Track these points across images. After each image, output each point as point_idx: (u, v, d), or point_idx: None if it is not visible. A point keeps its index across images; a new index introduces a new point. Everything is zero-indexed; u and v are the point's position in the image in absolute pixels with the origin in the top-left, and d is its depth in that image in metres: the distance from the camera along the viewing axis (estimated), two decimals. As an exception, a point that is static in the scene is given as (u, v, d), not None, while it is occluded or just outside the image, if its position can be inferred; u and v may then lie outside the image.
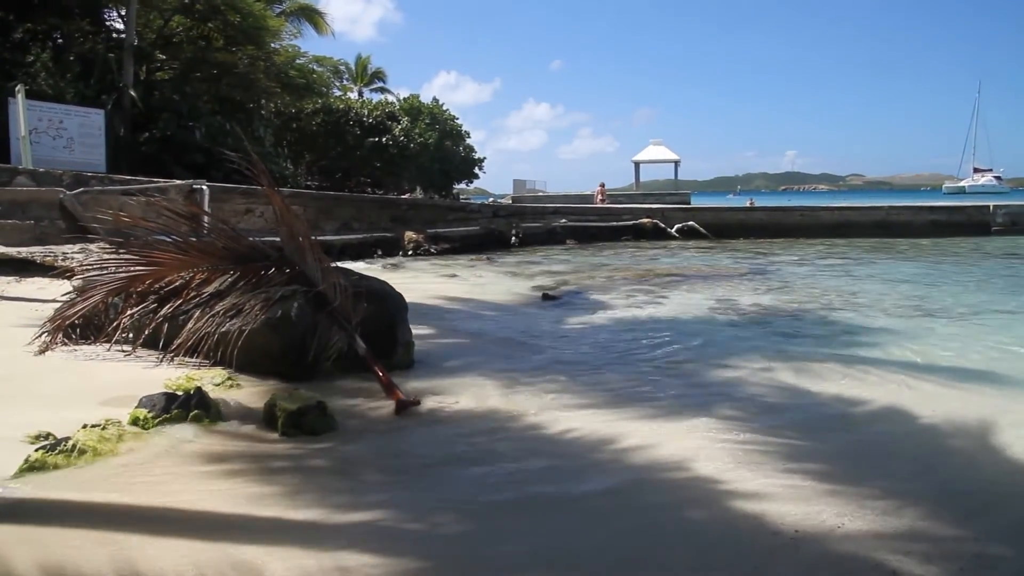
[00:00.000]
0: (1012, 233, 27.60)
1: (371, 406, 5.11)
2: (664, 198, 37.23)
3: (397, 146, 33.36)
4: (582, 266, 17.89)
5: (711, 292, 12.76)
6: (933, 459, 4.48)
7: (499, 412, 5.10)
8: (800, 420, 5.21)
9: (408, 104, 36.61)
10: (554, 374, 6.40)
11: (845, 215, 30.03)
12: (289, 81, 26.93)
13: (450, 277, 15.14)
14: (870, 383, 6.36)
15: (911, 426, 5.14)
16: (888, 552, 3.08)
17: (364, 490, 3.66)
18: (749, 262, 19.24)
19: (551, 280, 14.36)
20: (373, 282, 6.35)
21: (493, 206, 28.82)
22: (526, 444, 4.48)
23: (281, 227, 5.53)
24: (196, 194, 14.44)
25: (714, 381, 6.36)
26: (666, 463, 4.11)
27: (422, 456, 4.27)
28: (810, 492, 3.73)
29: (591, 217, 28.13)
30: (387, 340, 5.91)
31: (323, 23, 32.12)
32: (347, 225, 19.81)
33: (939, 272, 16.85)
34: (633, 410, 5.22)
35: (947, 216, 29.78)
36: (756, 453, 4.35)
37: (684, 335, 8.59)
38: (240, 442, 4.23)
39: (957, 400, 5.80)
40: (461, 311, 10.24)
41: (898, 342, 8.36)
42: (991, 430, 4.96)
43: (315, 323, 5.45)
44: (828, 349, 7.90)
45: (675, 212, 29.30)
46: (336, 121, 33.05)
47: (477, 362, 6.76)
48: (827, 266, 18.41)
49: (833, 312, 10.76)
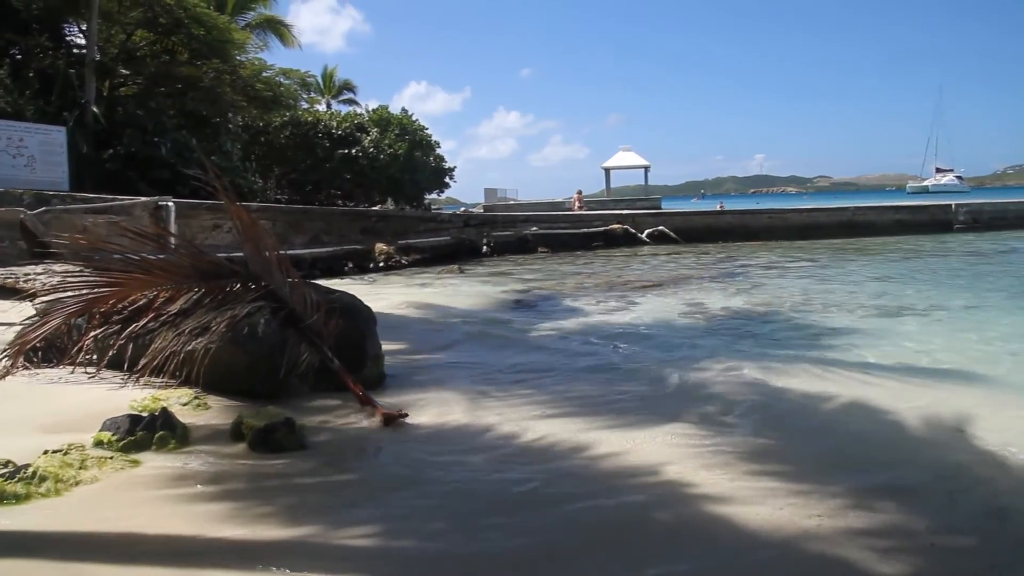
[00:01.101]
0: (973, 231, 28.24)
1: (342, 423, 5.05)
2: (635, 203, 37.42)
3: (367, 157, 33.24)
4: (553, 273, 17.95)
5: (681, 296, 12.87)
6: (900, 456, 4.54)
7: (470, 424, 5.08)
8: (769, 421, 5.25)
9: (377, 115, 36.48)
10: (526, 383, 6.41)
11: (812, 216, 30.46)
12: (256, 94, 26.72)
13: (421, 288, 15.11)
14: (837, 382, 6.45)
15: (878, 424, 5.21)
16: (855, 549, 3.12)
17: (335, 508, 3.60)
18: (718, 265, 19.42)
19: (523, 288, 14.39)
20: (341, 295, 6.30)
21: (464, 216, 28.80)
22: (498, 455, 4.46)
23: (246, 242, 5.48)
24: (162, 211, 14.29)
25: (684, 385, 6.39)
26: (637, 469, 4.12)
27: (394, 472, 4.23)
28: (778, 492, 3.75)
29: (562, 224, 28.18)
30: (356, 354, 5.86)
31: (289, 35, 31.97)
32: (317, 238, 19.69)
33: (904, 270, 17.13)
34: (605, 417, 5.23)
35: (911, 215, 30.37)
36: (725, 455, 4.38)
37: (655, 340, 8.67)
38: (207, 462, 4.15)
39: (923, 397, 5.90)
40: (432, 322, 10.20)
41: (864, 341, 8.50)
42: (958, 426, 5.04)
43: (284, 339, 5.40)
44: (796, 350, 8.00)
45: (645, 217, 29.46)
46: (305, 134, 32.89)
47: (448, 374, 6.75)
48: (795, 267, 18.64)
49: (801, 313, 10.88)
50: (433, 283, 16.40)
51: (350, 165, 33.12)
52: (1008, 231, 28.18)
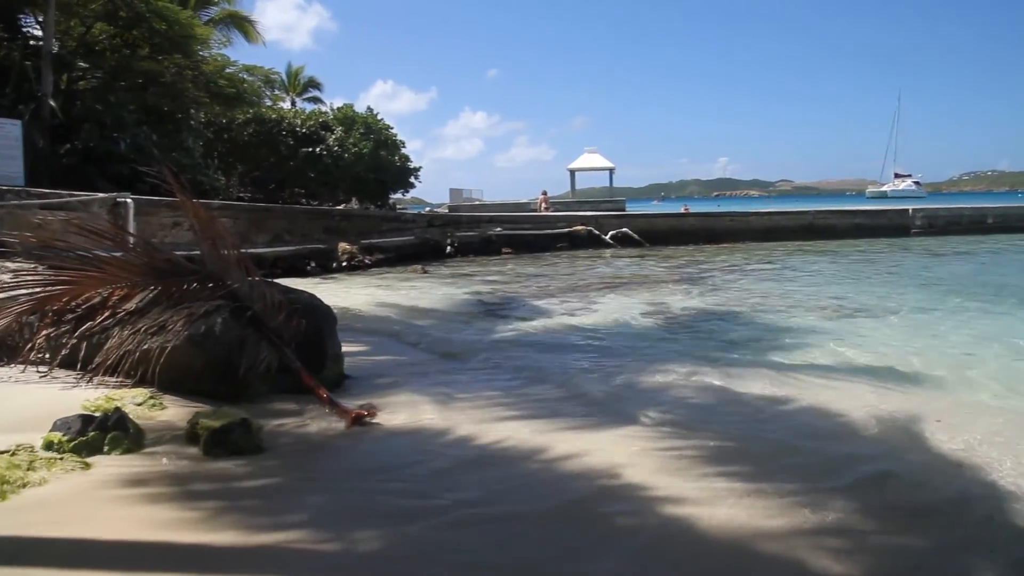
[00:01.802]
0: (929, 235, 28.87)
1: (302, 424, 4.99)
2: (600, 205, 37.52)
3: (331, 156, 32.99)
4: (517, 275, 17.96)
5: (643, 298, 12.94)
6: (855, 457, 4.58)
7: (431, 426, 5.05)
8: (728, 423, 5.28)
9: (342, 114, 36.19)
10: (488, 385, 6.41)
11: (774, 220, 30.86)
12: (219, 91, 26.38)
13: (384, 288, 15.03)
14: (795, 384, 6.51)
15: (835, 425, 5.26)
16: (808, 549, 3.15)
17: (289, 511, 3.55)
18: (680, 268, 19.58)
19: (486, 289, 14.38)
20: (301, 294, 6.24)
21: (428, 215, 28.70)
22: (458, 458, 4.44)
23: (203, 240, 5.41)
24: (120, 207, 14.06)
25: (645, 388, 6.41)
26: (597, 471, 4.12)
27: (352, 473, 4.20)
28: (734, 493, 3.78)
29: (526, 225, 28.18)
30: (316, 353, 5.81)
31: (253, 31, 31.61)
32: (279, 237, 19.48)
33: (862, 273, 17.44)
34: (565, 420, 5.24)
35: (870, 220, 30.92)
36: (685, 458, 4.39)
37: (616, 342, 8.70)
38: (161, 464, 4.07)
39: (878, 398, 5.97)
40: (394, 323, 10.14)
41: (822, 342, 8.62)
42: (913, 427, 5.11)
43: (242, 338, 5.34)
44: (755, 351, 8.09)
45: (609, 219, 29.57)
46: (269, 131, 32.55)
47: (410, 375, 6.71)
48: (756, 269, 18.87)
49: (761, 315, 11.00)
50: (396, 283, 16.33)
51: (314, 164, 32.84)
52: (962, 235, 28.80)
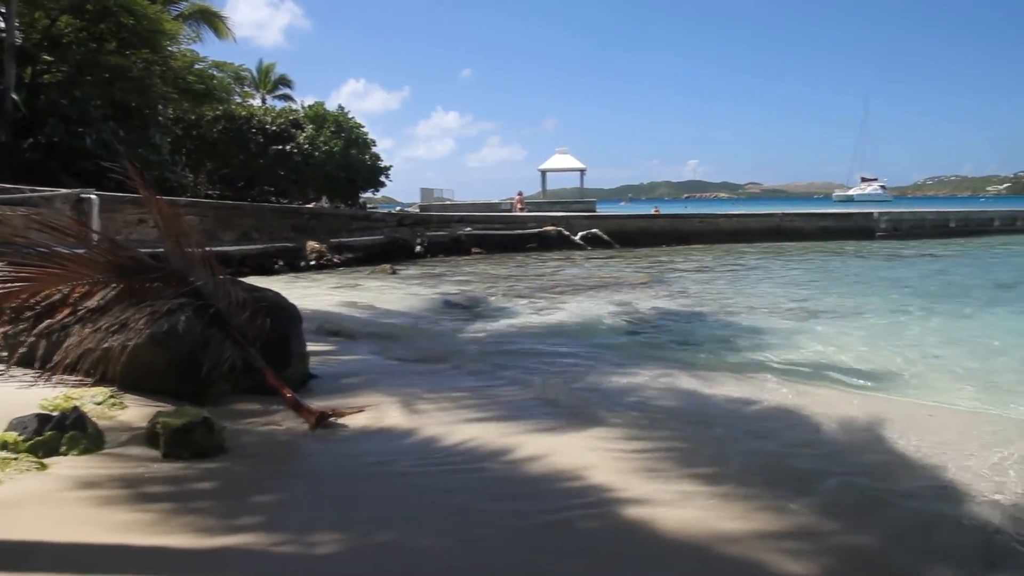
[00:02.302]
0: (894, 238, 29.36)
1: (266, 424, 4.94)
2: (570, 206, 37.62)
3: (301, 154, 32.70)
4: (486, 275, 17.95)
5: (611, 299, 13.00)
6: (818, 459, 4.63)
7: (397, 427, 5.03)
8: (693, 426, 5.32)
9: (313, 112, 35.88)
10: (454, 386, 6.39)
11: (742, 222, 31.20)
12: (187, 87, 26.03)
13: (352, 288, 14.96)
14: (760, 386, 6.58)
15: (798, 428, 5.32)
16: (769, 551, 3.18)
17: (252, 512, 3.52)
18: (649, 268, 19.72)
19: (454, 289, 14.36)
20: (266, 293, 6.19)
21: (398, 215, 28.60)
22: (422, 459, 4.42)
23: (167, 238, 5.35)
24: (84, 204, 13.85)
25: (612, 390, 6.44)
26: (561, 473, 4.12)
27: (316, 474, 4.18)
28: (698, 496, 3.81)
29: (496, 225, 28.21)
30: (280, 353, 5.75)
31: (224, 27, 31.24)
32: (247, 235, 19.33)
33: (827, 275, 17.69)
34: (532, 421, 5.24)
35: (836, 222, 31.37)
36: (650, 460, 4.42)
37: (584, 344, 8.72)
38: (121, 465, 3.99)
39: (840, 401, 6.07)
40: (361, 322, 10.09)
41: (788, 344, 8.71)
42: (874, 429, 5.19)
43: (206, 337, 5.28)
44: (722, 354, 8.14)
45: (579, 220, 29.70)
46: (238, 128, 32.19)
47: (376, 375, 6.68)
48: (724, 270, 19.05)
49: (728, 316, 11.10)
50: (365, 283, 16.26)
51: (284, 162, 32.54)
52: (926, 239, 29.36)
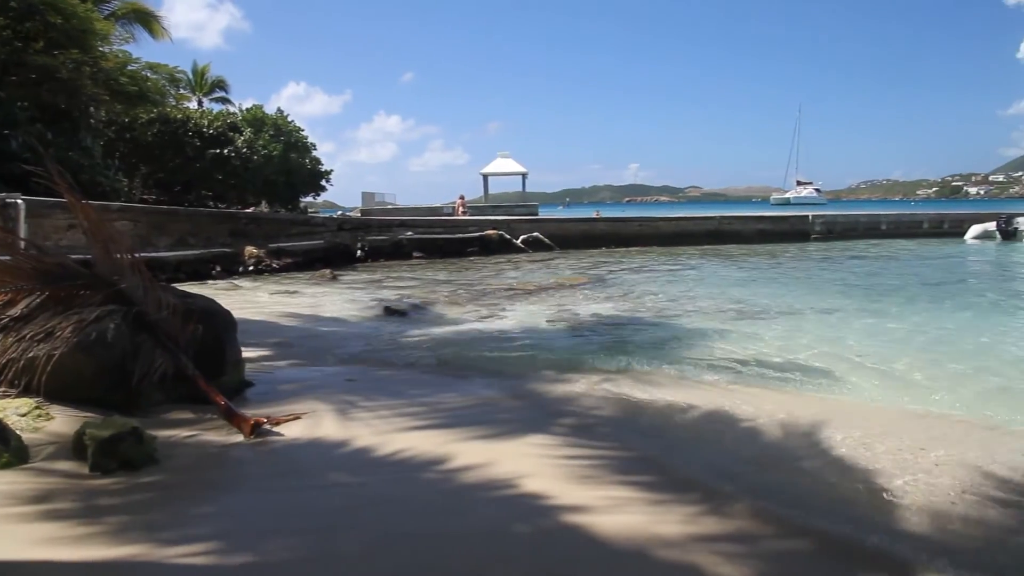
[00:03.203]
0: (828, 240, 30.21)
1: (199, 434, 4.85)
2: (513, 210, 37.69)
3: (240, 158, 32.10)
4: (427, 281, 17.87)
5: (551, 303, 13.06)
6: (755, 463, 4.72)
7: (333, 436, 4.97)
8: (633, 431, 5.37)
9: (251, 115, 35.26)
10: (393, 394, 6.33)
11: (681, 225, 31.69)
12: (120, 88, 25.29)
13: (290, 294, 14.75)
14: (698, 389, 6.67)
15: (736, 431, 5.40)
16: (705, 554, 3.21)
17: (182, 525, 3.45)
18: (590, 271, 19.87)
19: (394, 295, 14.25)
20: (199, 299, 6.09)
21: (338, 219, 28.36)
22: (357, 468, 4.39)
23: (95, 243, 5.24)
24: (10, 209, 13.43)
25: (552, 396, 6.46)
26: (496, 481, 4.12)
27: (247, 485, 4.12)
28: (636, 501, 3.85)
29: (438, 230, 28.15)
30: (214, 360, 5.67)
31: (159, 27, 30.54)
32: (183, 241, 18.94)
33: (764, 276, 18.06)
34: (468, 429, 5.21)
35: (773, 225, 32.08)
36: (588, 467, 4.44)
37: (523, 349, 8.73)
38: (45, 479, 3.87)
39: (778, 403, 6.15)
40: (300, 329, 9.99)
41: (725, 346, 8.83)
42: (810, 431, 5.28)
43: (136, 345, 5.18)
44: (661, 358, 8.19)
45: (521, 224, 29.83)
46: (174, 132, 31.46)
47: (314, 383, 6.61)
48: (663, 272, 19.32)
49: (667, 319, 11.22)
50: (303, 289, 16.05)
51: (222, 165, 31.91)
52: (858, 240, 30.22)
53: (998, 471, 4.47)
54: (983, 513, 3.90)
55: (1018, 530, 3.73)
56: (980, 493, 4.16)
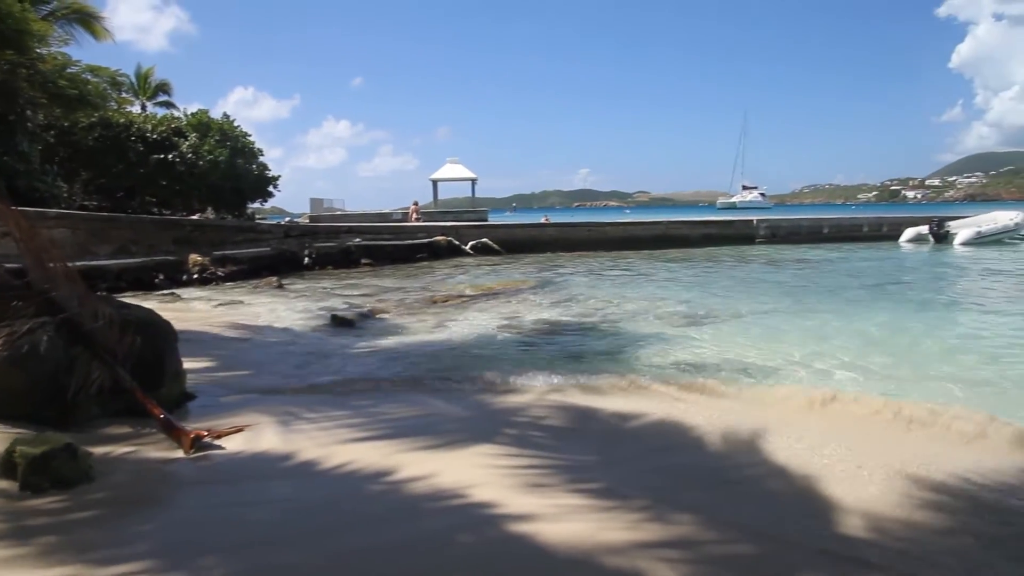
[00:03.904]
0: (772, 243, 30.78)
1: (137, 449, 4.74)
2: (462, 215, 37.69)
3: (185, 163, 31.57)
4: (375, 288, 17.71)
5: (499, 310, 13.05)
6: (702, 469, 4.78)
7: (276, 449, 4.90)
8: (578, 439, 5.38)
9: (196, 119, 34.69)
10: (338, 405, 6.26)
11: (629, 230, 32.03)
12: (59, 92, 24.68)
13: (235, 303, 14.49)
14: (646, 395, 6.71)
15: (683, 438, 5.42)
16: (649, 560, 3.24)
17: (118, 544, 3.36)
18: (538, 275, 19.98)
19: (342, 304, 14.09)
20: (137, 309, 5.98)
21: (285, 226, 28.01)
22: (302, 481, 4.34)
23: (26, 253, 5.11)
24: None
25: (498, 405, 6.45)
26: (443, 491, 4.10)
27: (186, 502, 4.05)
28: (582, 509, 3.86)
29: (386, 236, 27.97)
30: (154, 372, 5.56)
31: (101, 29, 29.82)
32: (124, 248, 18.50)
33: (710, 280, 18.33)
34: (415, 440, 5.17)
35: (719, 229, 32.59)
36: (535, 475, 4.44)
37: (472, 358, 8.69)
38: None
39: (724, 407, 6.23)
40: (244, 340, 9.83)
41: (673, 350, 8.91)
42: (754, 436, 5.34)
43: (71, 358, 5.06)
44: (610, 364, 8.24)
45: (470, 229, 29.83)
46: (116, 136, 30.80)
47: (257, 395, 6.52)
48: (611, 277, 19.48)
49: (615, 324, 11.30)
50: (249, 298, 15.80)
51: (167, 171, 31.33)
52: (801, 244, 30.82)
53: (934, 473, 4.56)
54: (920, 514, 3.97)
55: (955, 529, 3.81)
56: (917, 494, 4.23)
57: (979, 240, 28.41)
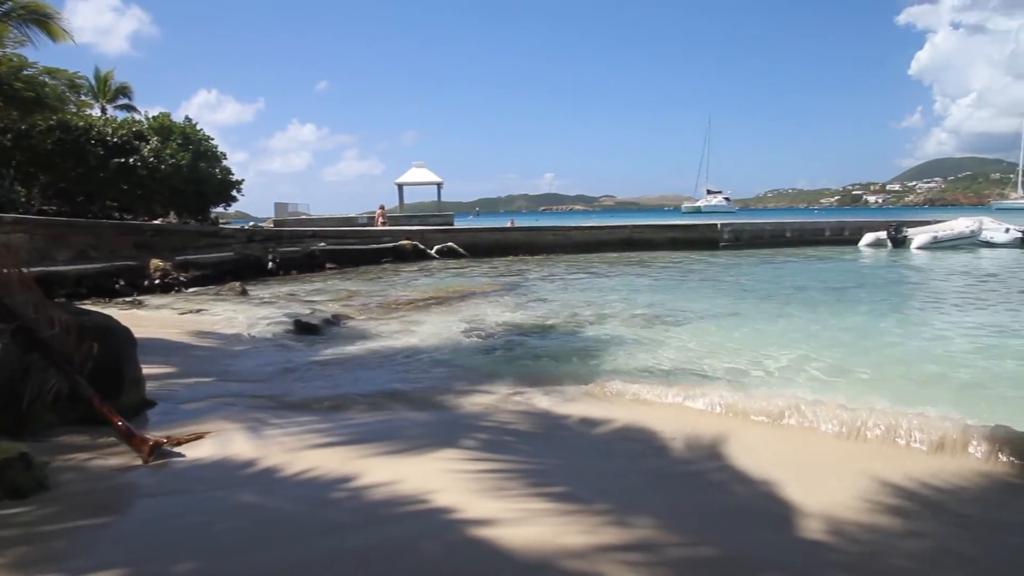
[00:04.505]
0: (736, 247, 31.14)
1: (95, 457, 4.68)
2: (428, 220, 37.70)
3: (146, 167, 31.13)
4: (339, 293, 17.59)
5: (464, 314, 13.05)
6: (663, 473, 4.81)
7: (239, 457, 4.85)
8: (541, 443, 5.41)
9: (157, 123, 34.22)
10: (301, 411, 6.23)
11: (594, 234, 32.26)
12: (14, 94, 24.17)
13: (198, 309, 14.32)
14: (610, 400, 6.72)
15: (647, 441, 5.46)
16: (609, 563, 3.26)
17: (75, 556, 3.31)
18: (502, 280, 20.04)
19: (305, 308, 13.96)
20: (95, 316, 5.91)
21: (248, 230, 27.79)
22: (265, 488, 4.31)
23: (-22, 260, 5.03)
24: None
25: (461, 410, 6.46)
26: (405, 497, 4.10)
27: (147, 509, 4.00)
28: (543, 513, 3.87)
29: (351, 240, 27.86)
30: (112, 379, 5.49)
31: (58, 29, 29.21)
32: (84, 254, 18.20)
33: (674, 283, 18.51)
34: (379, 445, 5.16)
35: (683, 233, 32.92)
36: (498, 480, 4.46)
37: (436, 363, 8.67)
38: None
39: (687, 410, 6.29)
40: (206, 347, 9.72)
41: (637, 353, 8.98)
42: (715, 440, 5.39)
43: (26, 365, 4.99)
44: (574, 367, 8.28)
45: (435, 234, 29.87)
46: (75, 140, 30.25)
47: (219, 402, 6.44)
48: (576, 281, 19.56)
49: (580, 328, 11.36)
50: (211, 303, 15.59)
51: (128, 175, 30.83)
52: (764, 248, 31.21)
53: (894, 478, 4.62)
54: (879, 518, 4.03)
55: (914, 532, 3.88)
56: (876, 499, 4.30)
57: (935, 245, 28.97)
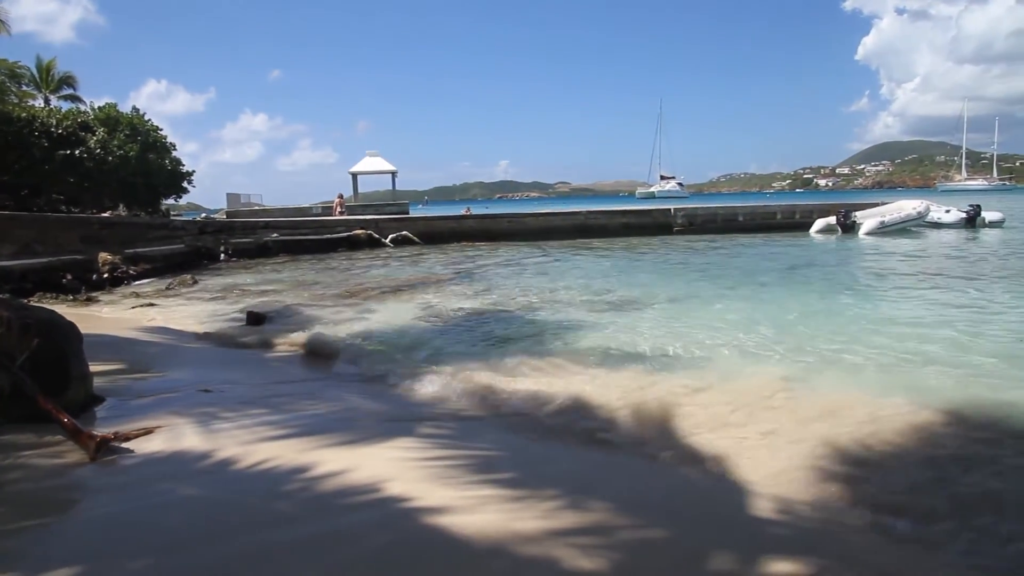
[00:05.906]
0: (689, 232, 31.47)
1: (39, 456, 4.60)
2: (383, 209, 37.46)
3: (93, 159, 30.51)
4: (292, 283, 17.41)
5: (419, 301, 13.05)
6: (616, 455, 4.89)
7: (191, 450, 4.81)
8: (494, 428, 5.47)
9: (104, 114, 33.55)
10: (254, 404, 6.17)
11: (549, 221, 32.37)
12: (-49, 85, 23.73)
13: (147, 302, 14.07)
14: (565, 381, 6.74)
15: (599, 424, 5.53)
16: (562, 547, 3.32)
17: (17, 561, 3.26)
18: (457, 267, 20.02)
19: (257, 301, 13.82)
20: (39, 311, 5.81)
21: (199, 222, 27.41)
22: (216, 482, 4.29)
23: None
24: None
25: (415, 398, 6.48)
26: (358, 486, 4.11)
27: (93, 506, 3.96)
28: (496, 500, 3.91)
29: (304, 230, 27.64)
30: (57, 375, 5.40)
31: (-4, 20, 28.67)
32: (28, 248, 17.78)
33: (628, 268, 18.64)
34: (332, 435, 5.15)
35: (637, 219, 33.13)
36: (450, 468, 4.48)
37: (391, 351, 8.63)
38: None
39: (640, 391, 6.32)
40: (156, 342, 9.56)
41: (590, 336, 9.01)
42: (667, 420, 5.48)
43: (-33, 363, 4.92)
44: (528, 352, 8.25)
45: (389, 223, 29.79)
46: (18, 131, 29.55)
47: (170, 396, 6.35)
48: (531, 266, 19.64)
49: (533, 312, 11.39)
50: (162, 298, 15.35)
51: (74, 167, 30.22)
52: (717, 233, 31.54)
53: (840, 453, 4.74)
54: (825, 491, 4.16)
55: (856, 502, 4.01)
56: (823, 473, 4.41)
57: (883, 230, 29.50)
